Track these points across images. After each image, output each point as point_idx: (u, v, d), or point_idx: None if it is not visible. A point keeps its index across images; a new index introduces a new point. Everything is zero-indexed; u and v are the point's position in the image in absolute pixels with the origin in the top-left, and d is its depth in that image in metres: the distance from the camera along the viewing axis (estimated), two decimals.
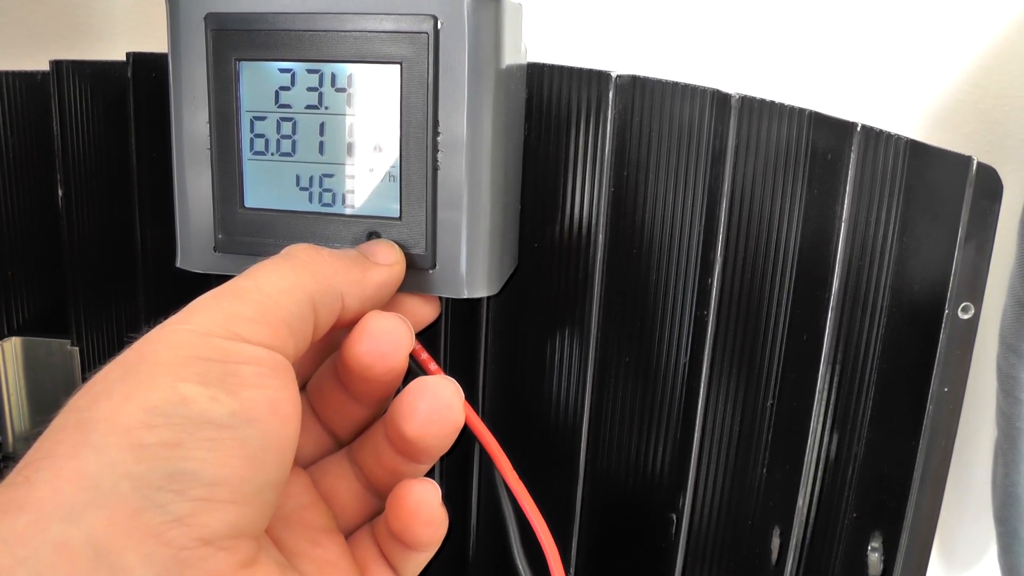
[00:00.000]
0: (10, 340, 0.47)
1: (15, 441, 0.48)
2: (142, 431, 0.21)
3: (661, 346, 0.38)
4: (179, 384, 0.22)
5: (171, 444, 0.21)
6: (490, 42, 0.30)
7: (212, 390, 0.23)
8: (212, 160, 0.33)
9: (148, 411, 0.22)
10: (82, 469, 0.21)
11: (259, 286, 0.26)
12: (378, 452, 0.30)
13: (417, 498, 0.28)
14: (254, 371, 0.24)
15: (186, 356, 0.23)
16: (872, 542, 0.34)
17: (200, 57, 0.32)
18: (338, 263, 0.28)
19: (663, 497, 0.38)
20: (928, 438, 0.33)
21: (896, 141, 0.33)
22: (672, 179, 0.36)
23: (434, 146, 0.30)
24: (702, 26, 0.46)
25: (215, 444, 0.22)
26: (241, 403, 0.23)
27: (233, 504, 0.22)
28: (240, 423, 0.23)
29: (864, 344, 0.35)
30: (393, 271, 0.30)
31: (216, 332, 0.24)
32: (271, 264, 0.27)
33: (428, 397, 0.28)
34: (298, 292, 0.26)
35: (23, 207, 0.46)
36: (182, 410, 0.22)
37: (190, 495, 0.21)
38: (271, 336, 0.25)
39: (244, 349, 0.24)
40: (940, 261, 0.31)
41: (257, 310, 0.25)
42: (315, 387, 0.31)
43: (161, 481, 0.21)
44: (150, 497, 0.21)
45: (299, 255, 0.28)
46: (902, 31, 0.44)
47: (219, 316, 0.24)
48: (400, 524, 0.28)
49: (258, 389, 0.23)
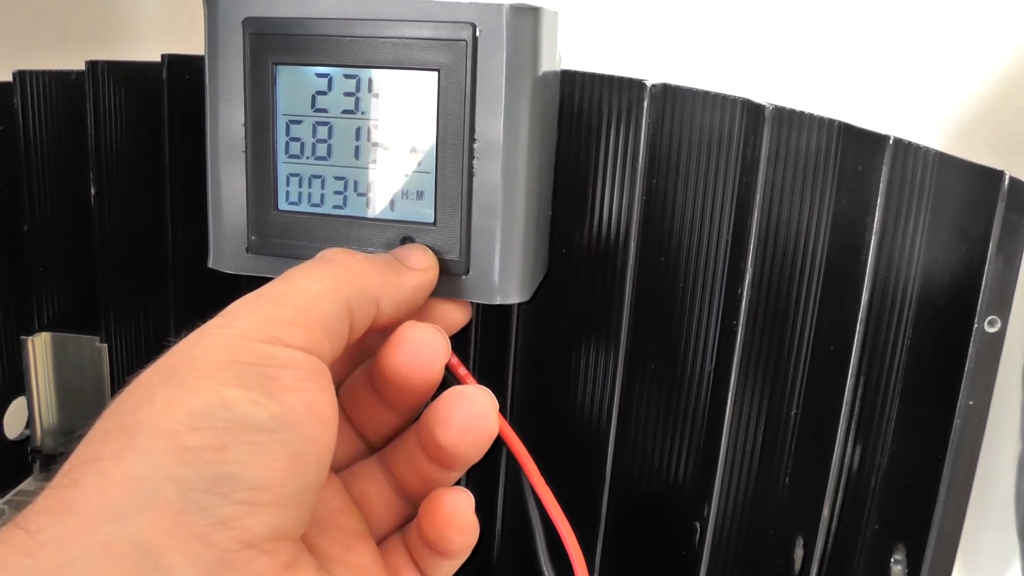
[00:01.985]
0: (40, 335, 0.48)
1: (43, 436, 0.49)
2: (186, 434, 0.22)
3: (688, 354, 0.38)
4: (221, 388, 0.23)
5: (215, 447, 0.22)
6: (528, 50, 0.30)
7: (253, 394, 0.23)
8: (247, 162, 0.33)
9: (191, 415, 0.22)
10: (128, 472, 0.21)
11: (296, 290, 0.26)
12: (411, 459, 0.30)
13: (452, 506, 0.29)
14: (293, 374, 0.24)
15: (227, 360, 0.23)
16: (896, 554, 0.34)
17: (237, 60, 0.32)
18: (373, 267, 0.28)
19: (687, 505, 0.38)
20: (955, 451, 0.33)
21: (925, 153, 0.33)
22: (702, 188, 0.36)
23: (470, 152, 0.31)
24: (733, 36, 0.46)
25: (257, 448, 0.22)
26: (282, 406, 0.23)
27: (275, 507, 0.22)
28: (281, 426, 0.23)
29: (890, 355, 0.35)
30: (427, 275, 0.30)
31: (255, 336, 0.24)
32: (308, 268, 0.27)
33: (464, 406, 0.28)
34: (334, 295, 0.26)
35: (56, 204, 0.46)
36: (224, 413, 0.22)
37: (234, 498, 0.22)
38: (309, 339, 0.25)
39: (283, 353, 0.24)
40: (968, 274, 0.31)
41: (295, 313, 0.25)
42: (348, 393, 0.32)
43: (205, 484, 0.21)
44: (194, 500, 0.21)
45: (335, 259, 0.28)
46: (928, 42, 0.44)
47: (258, 320, 0.25)
48: (434, 531, 0.29)
49: (297, 392, 0.24)
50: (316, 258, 0.28)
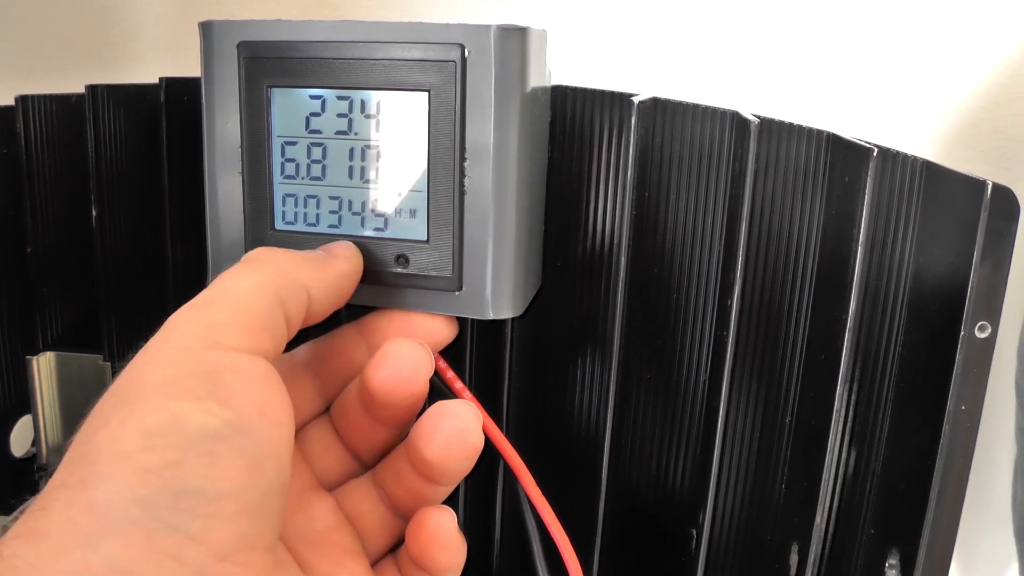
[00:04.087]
0: (44, 355, 0.48)
1: (49, 453, 0.49)
2: (143, 455, 0.22)
3: (682, 364, 0.38)
4: (171, 403, 0.23)
5: (173, 464, 0.22)
6: (516, 69, 0.31)
7: (203, 403, 0.23)
8: (243, 183, 0.34)
9: (145, 434, 0.22)
10: (92, 498, 0.21)
11: (227, 291, 0.26)
12: (401, 475, 0.31)
13: (435, 525, 0.29)
14: (239, 377, 0.24)
15: (173, 374, 0.23)
16: (890, 559, 0.35)
17: (232, 83, 0.33)
18: (296, 257, 0.29)
19: (683, 512, 0.39)
20: (945, 456, 0.33)
21: (912, 162, 0.33)
22: (693, 200, 0.37)
23: (461, 171, 0.31)
24: (722, 48, 0.47)
25: (214, 459, 0.22)
26: (234, 412, 0.23)
27: (240, 515, 0.23)
28: (234, 432, 0.23)
29: (881, 362, 0.35)
30: (351, 263, 0.31)
31: (197, 345, 0.24)
32: (234, 269, 0.28)
33: (448, 420, 0.29)
34: (264, 290, 0.27)
35: (58, 225, 0.47)
36: (178, 428, 0.22)
37: (198, 512, 0.22)
38: (248, 339, 0.25)
39: (225, 357, 0.24)
40: (956, 281, 0.31)
41: (230, 315, 0.25)
42: (339, 411, 0.32)
43: (169, 502, 0.22)
44: (161, 519, 0.21)
45: (259, 256, 0.28)
46: (921, 50, 0.45)
47: (197, 328, 0.25)
48: (420, 550, 0.29)
49: (246, 396, 0.24)
50: (242, 259, 0.28)
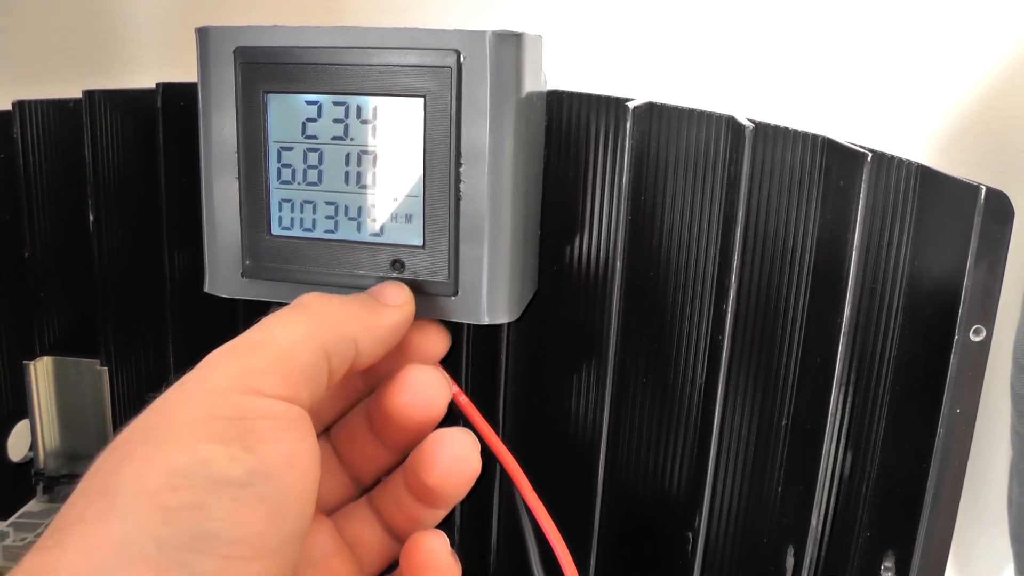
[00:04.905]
0: (42, 360, 0.49)
1: (46, 458, 0.49)
2: (166, 494, 0.22)
3: (678, 367, 0.38)
4: (199, 445, 0.23)
5: (194, 506, 0.22)
6: (511, 75, 0.31)
7: (231, 448, 0.23)
8: (240, 188, 0.34)
9: (170, 474, 0.22)
10: (110, 534, 0.21)
11: (272, 338, 0.26)
12: (398, 499, 0.31)
13: (428, 549, 0.30)
14: (271, 425, 0.24)
15: (204, 415, 0.24)
16: (885, 562, 0.35)
17: (229, 89, 0.33)
18: (348, 309, 0.29)
19: (679, 515, 0.39)
20: (940, 459, 0.33)
21: (908, 166, 0.33)
22: (688, 204, 0.37)
23: (457, 177, 0.31)
24: (719, 53, 0.47)
25: (236, 504, 0.23)
26: (259, 459, 0.23)
27: (256, 559, 0.23)
28: (259, 479, 0.23)
29: (877, 366, 0.35)
30: (404, 311, 0.31)
31: (233, 388, 0.24)
32: (283, 315, 0.28)
33: (448, 448, 0.30)
34: (311, 342, 0.27)
35: (55, 230, 0.47)
36: (203, 471, 0.22)
37: (215, 554, 0.22)
38: (287, 388, 0.25)
39: (260, 403, 0.24)
40: (951, 284, 0.32)
41: (272, 363, 0.25)
42: (343, 434, 0.32)
43: (186, 542, 0.22)
44: (176, 558, 0.21)
45: (311, 305, 0.28)
46: (917, 55, 0.45)
47: (235, 371, 0.25)
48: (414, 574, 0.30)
49: (275, 444, 0.24)
50: (291, 305, 0.28)
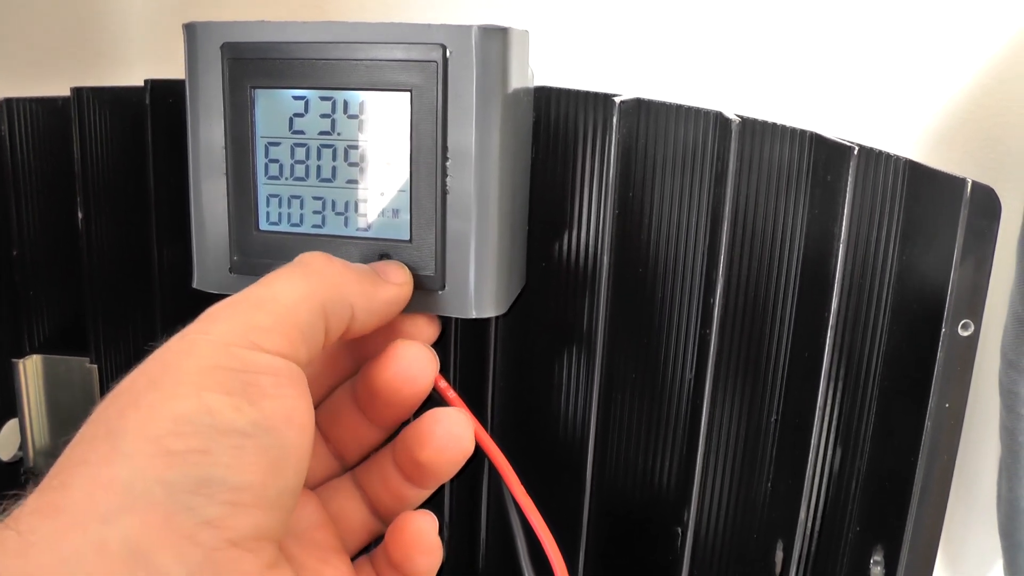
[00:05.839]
0: (31, 358, 0.48)
1: (36, 456, 0.49)
2: (171, 439, 0.22)
3: (667, 363, 0.38)
4: (204, 394, 0.23)
5: (199, 451, 0.23)
6: (497, 69, 0.31)
7: (235, 399, 0.24)
8: (228, 184, 0.34)
9: (176, 420, 0.23)
10: (115, 475, 0.22)
11: (275, 295, 0.27)
12: (385, 477, 0.31)
13: (416, 529, 0.30)
14: (272, 381, 0.25)
15: (208, 366, 0.24)
16: (874, 556, 0.35)
17: (216, 84, 0.33)
18: (350, 274, 0.29)
19: (669, 511, 0.39)
20: (928, 454, 0.33)
21: (895, 161, 0.33)
22: (677, 199, 0.37)
23: (443, 171, 0.31)
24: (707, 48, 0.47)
25: (239, 452, 0.23)
26: (262, 413, 0.24)
27: (257, 508, 0.23)
28: (261, 432, 0.24)
29: (866, 361, 0.35)
30: (402, 290, 0.31)
31: (235, 342, 0.25)
32: (286, 272, 0.28)
33: (443, 425, 0.30)
34: (311, 300, 0.27)
35: (44, 228, 0.47)
36: (208, 419, 0.23)
37: (219, 499, 0.22)
38: (286, 345, 0.26)
39: (262, 359, 0.25)
40: (939, 279, 0.32)
41: (273, 319, 0.26)
42: (329, 412, 0.33)
43: (191, 486, 0.22)
44: (181, 501, 0.22)
45: (313, 263, 0.29)
46: (905, 52, 0.45)
47: (238, 326, 0.25)
48: (400, 553, 0.30)
49: (276, 399, 0.24)
50: (294, 262, 0.29)
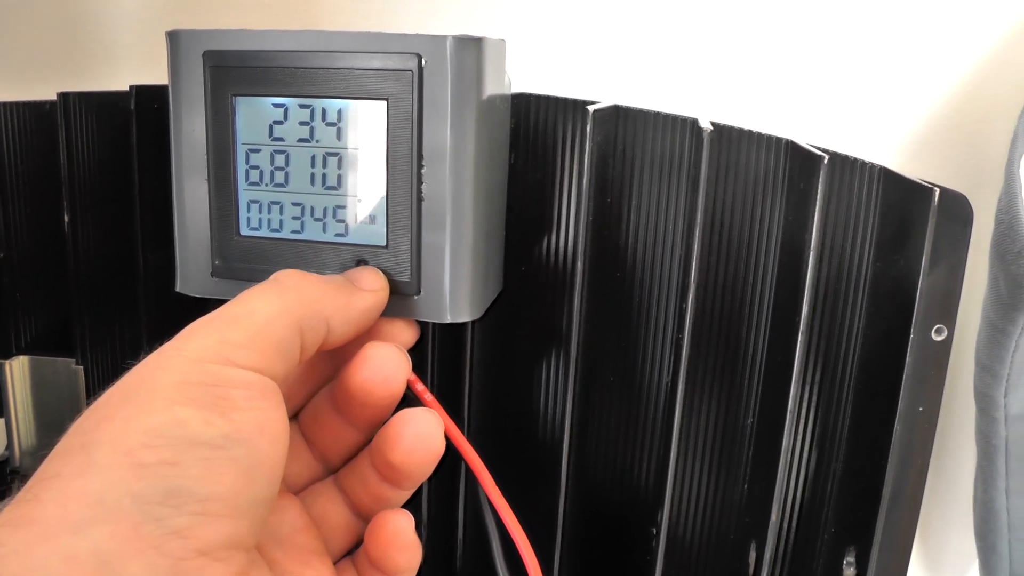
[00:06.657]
0: (18, 359, 0.49)
1: (22, 456, 0.50)
2: (142, 451, 0.23)
3: (644, 366, 0.39)
4: (176, 407, 0.24)
5: (169, 463, 0.23)
6: (472, 78, 0.32)
7: (205, 413, 0.24)
8: (209, 190, 0.34)
9: (147, 433, 0.23)
10: (87, 487, 0.22)
11: (249, 312, 0.27)
12: (364, 478, 0.32)
13: (394, 527, 0.30)
14: (244, 394, 0.25)
15: (181, 381, 0.25)
16: (847, 557, 0.35)
17: (199, 91, 0.33)
18: (324, 288, 0.30)
19: (645, 511, 0.39)
20: (899, 456, 0.34)
21: (870, 169, 0.34)
22: (654, 205, 0.37)
23: (418, 178, 0.32)
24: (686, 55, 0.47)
25: (209, 463, 0.24)
26: (232, 425, 0.24)
27: (226, 518, 0.24)
28: (231, 443, 0.24)
29: (841, 365, 0.36)
30: (377, 297, 0.32)
31: (209, 358, 0.25)
32: (260, 290, 0.28)
33: (412, 426, 0.30)
34: (286, 317, 0.28)
35: (31, 231, 0.47)
36: (178, 432, 0.23)
37: (186, 509, 0.23)
38: (260, 360, 0.26)
39: (235, 374, 0.25)
40: (913, 285, 0.32)
41: (247, 336, 0.26)
42: (311, 416, 0.33)
43: (160, 497, 0.23)
44: (150, 512, 0.22)
45: (287, 281, 0.29)
46: (887, 58, 0.46)
47: (212, 342, 0.26)
48: (379, 551, 0.30)
49: (248, 412, 0.25)
50: (269, 280, 0.29)
